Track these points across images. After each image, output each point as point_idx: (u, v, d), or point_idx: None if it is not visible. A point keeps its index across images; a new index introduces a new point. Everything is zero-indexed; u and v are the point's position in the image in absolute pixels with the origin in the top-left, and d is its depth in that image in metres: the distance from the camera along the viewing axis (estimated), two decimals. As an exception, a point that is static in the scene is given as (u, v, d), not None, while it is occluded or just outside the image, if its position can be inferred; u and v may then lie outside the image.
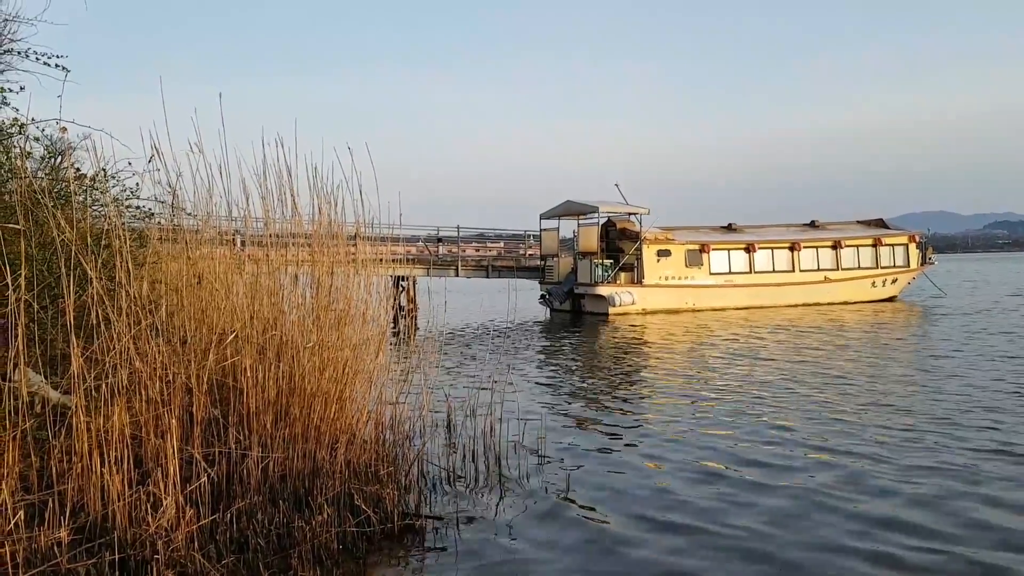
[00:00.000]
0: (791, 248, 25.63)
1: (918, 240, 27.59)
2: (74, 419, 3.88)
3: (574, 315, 24.02)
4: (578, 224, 25.72)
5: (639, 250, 23.86)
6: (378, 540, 4.58)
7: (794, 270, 25.53)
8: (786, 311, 23.11)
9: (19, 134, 6.01)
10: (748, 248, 25.21)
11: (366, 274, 5.66)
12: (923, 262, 27.60)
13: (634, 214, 24.46)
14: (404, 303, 24.57)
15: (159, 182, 5.42)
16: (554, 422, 8.17)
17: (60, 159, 7.05)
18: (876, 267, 26.58)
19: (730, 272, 24.86)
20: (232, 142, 5.10)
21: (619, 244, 24.66)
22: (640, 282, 23.76)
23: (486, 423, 6.40)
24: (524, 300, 26.73)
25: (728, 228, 26.83)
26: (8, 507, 3.51)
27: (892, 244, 26.94)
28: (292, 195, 5.42)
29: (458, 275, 26.29)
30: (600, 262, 23.89)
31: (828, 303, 25.18)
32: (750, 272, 25.08)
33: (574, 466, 6.39)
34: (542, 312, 25.44)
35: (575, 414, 8.73)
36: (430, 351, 6.70)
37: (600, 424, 8.17)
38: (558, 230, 26.94)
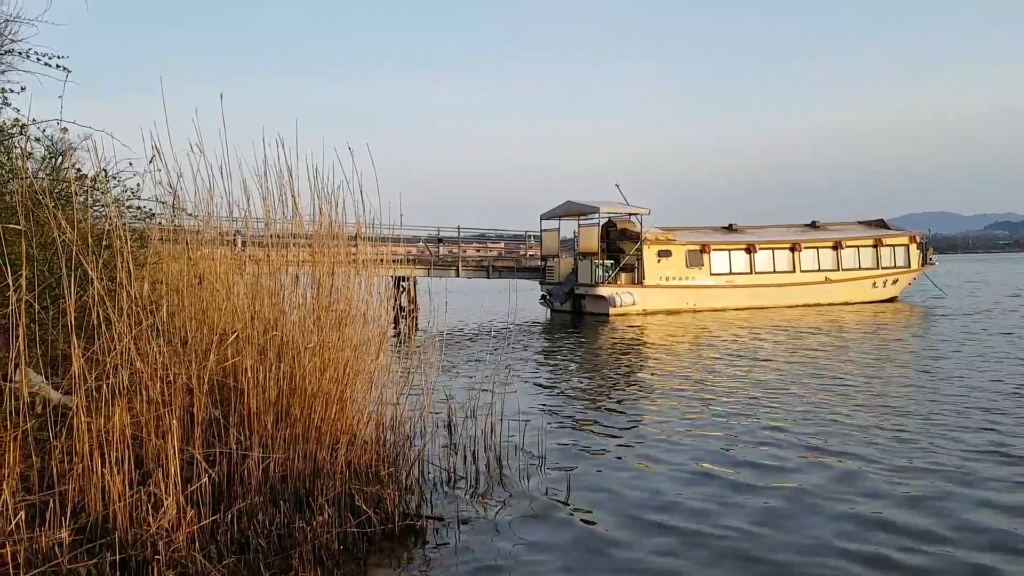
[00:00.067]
0: (792, 249, 25.62)
1: (919, 241, 27.58)
2: (75, 419, 3.88)
3: (575, 316, 24.01)
4: (579, 224, 25.71)
5: (640, 251, 23.85)
6: (379, 541, 4.58)
7: (795, 271, 25.51)
8: (787, 312, 23.10)
9: (20, 135, 6.01)
10: (749, 249, 25.19)
11: (367, 274, 5.66)
12: (924, 263, 27.60)
13: (635, 214, 24.46)
14: (405, 303, 24.56)
15: (160, 182, 5.42)
16: (554, 423, 8.17)
17: (61, 160, 7.05)
18: (877, 268, 26.57)
19: (731, 273, 24.85)
20: (233, 142, 5.11)
21: (620, 244, 24.66)
22: (641, 283, 23.75)
23: (486, 424, 6.41)
24: (524, 301, 26.71)
25: (729, 228, 26.82)
26: (9, 507, 3.51)
27: (893, 245, 26.94)
28: (293, 195, 5.42)
29: (459, 276, 26.27)
30: (601, 263, 23.88)
31: (829, 304, 25.17)
32: (751, 273, 25.07)
33: (574, 467, 6.39)
34: (542, 313, 25.44)
35: (575, 415, 8.73)
36: (431, 352, 6.70)
37: (600, 425, 8.17)
38: (559, 230, 26.93)
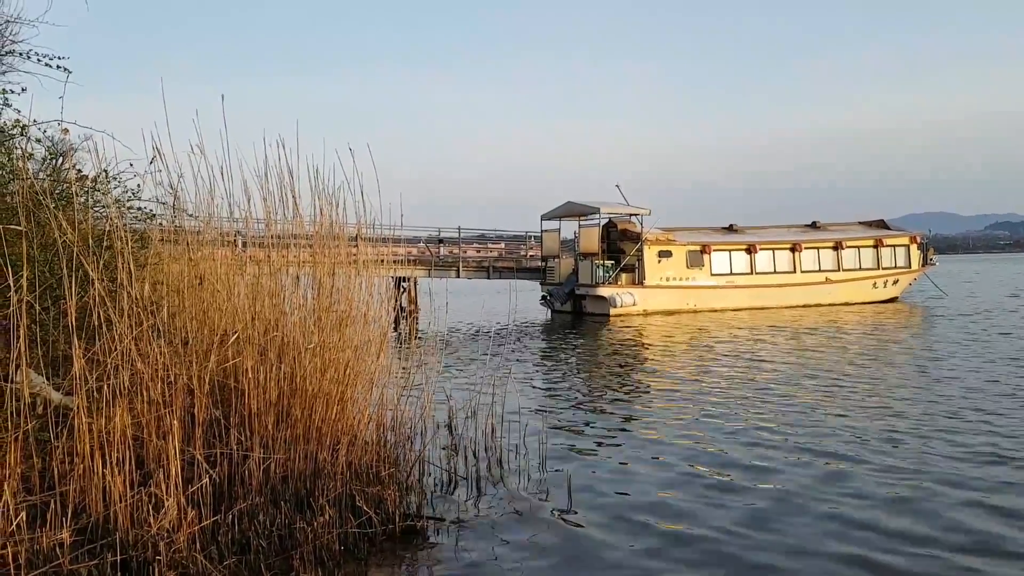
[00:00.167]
0: (792, 249, 25.62)
1: (919, 241, 27.59)
2: (76, 420, 3.88)
3: (575, 316, 24.01)
4: (579, 225, 25.72)
5: (640, 251, 23.85)
6: (380, 541, 4.58)
7: (795, 271, 25.52)
8: (787, 312, 23.09)
9: (21, 136, 6.00)
10: (749, 249, 25.20)
11: (367, 275, 5.66)
12: (924, 263, 27.60)
13: (635, 215, 24.47)
14: (405, 304, 24.57)
15: (161, 183, 5.42)
16: (555, 424, 8.17)
17: (62, 160, 7.04)
18: (877, 268, 26.58)
19: (731, 273, 24.85)
20: (233, 143, 5.10)
21: (620, 245, 24.67)
22: (641, 283, 23.75)
23: (487, 424, 6.41)
24: (525, 301, 26.69)
25: (729, 229, 26.82)
26: (10, 508, 3.51)
27: (893, 245, 26.95)
28: (294, 196, 5.42)
29: (459, 276, 26.26)
30: (601, 263, 23.88)
31: (829, 304, 25.16)
32: (751, 273, 25.07)
33: (575, 468, 6.38)
34: (543, 313, 25.44)
35: (576, 416, 8.73)
36: (431, 352, 6.70)
37: (601, 426, 8.18)
38: (559, 231, 26.94)
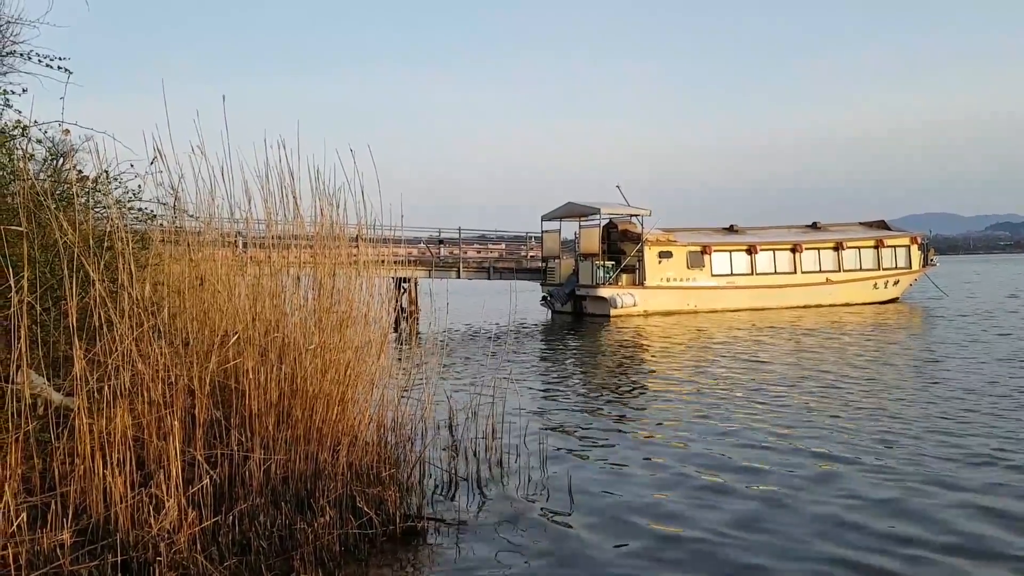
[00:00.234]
0: (793, 250, 25.62)
1: (920, 241, 27.60)
2: (76, 421, 3.88)
3: (575, 317, 24.02)
4: (579, 226, 25.73)
5: (641, 252, 23.85)
6: (380, 542, 4.58)
7: (796, 272, 25.51)
8: (788, 313, 23.09)
9: (22, 136, 6.01)
10: (750, 250, 25.19)
11: (368, 276, 5.66)
12: (925, 263, 27.60)
13: (635, 215, 24.47)
14: (406, 305, 24.57)
15: (161, 184, 5.43)
16: (555, 424, 8.17)
17: (62, 161, 7.04)
18: (878, 269, 26.58)
19: (732, 274, 24.85)
20: (233, 143, 5.11)
21: (621, 246, 24.66)
22: (642, 284, 23.75)
23: (487, 425, 6.41)
24: (525, 302, 26.69)
25: (730, 229, 26.83)
26: (11, 509, 3.51)
27: (894, 245, 26.95)
28: (294, 197, 5.42)
29: (459, 277, 26.27)
30: (601, 264, 23.88)
31: (830, 305, 25.17)
32: (752, 274, 25.07)
33: (575, 469, 6.38)
34: (543, 314, 25.45)
35: (576, 416, 8.72)
36: (432, 353, 6.70)
37: (601, 427, 8.16)
38: (559, 231, 26.95)
